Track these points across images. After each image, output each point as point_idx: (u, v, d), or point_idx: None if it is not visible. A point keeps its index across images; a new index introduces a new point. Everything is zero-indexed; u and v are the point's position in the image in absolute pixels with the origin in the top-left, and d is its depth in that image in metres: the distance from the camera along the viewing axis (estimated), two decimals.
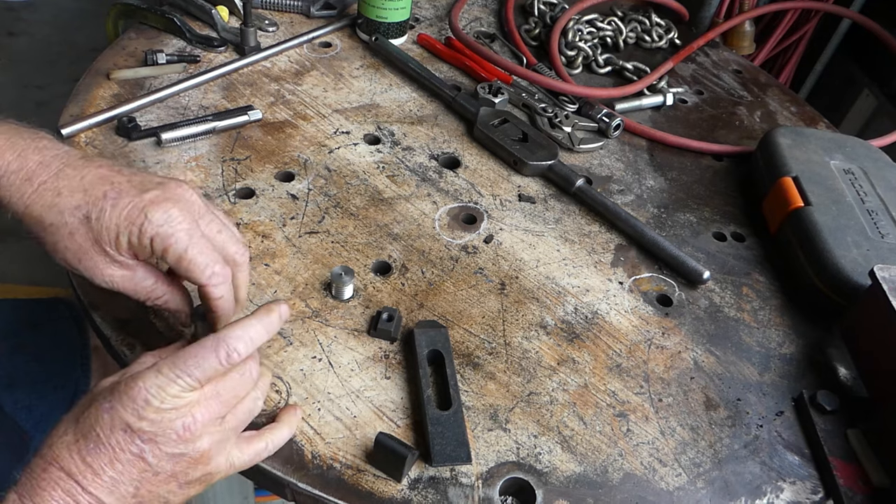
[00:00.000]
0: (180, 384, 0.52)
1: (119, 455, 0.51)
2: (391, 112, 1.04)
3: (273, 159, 0.92)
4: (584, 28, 1.26)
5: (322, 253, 0.81)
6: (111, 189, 0.57)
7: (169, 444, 0.52)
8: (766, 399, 0.75)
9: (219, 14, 1.11)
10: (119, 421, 0.50)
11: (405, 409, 0.67)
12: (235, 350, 0.53)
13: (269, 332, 0.56)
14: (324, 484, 0.61)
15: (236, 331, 0.54)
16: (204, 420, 0.53)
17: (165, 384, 0.51)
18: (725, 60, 1.36)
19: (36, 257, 1.95)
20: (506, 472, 0.64)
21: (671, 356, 0.77)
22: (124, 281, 0.60)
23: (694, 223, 0.96)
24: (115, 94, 0.97)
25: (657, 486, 0.65)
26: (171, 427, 0.51)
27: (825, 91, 1.82)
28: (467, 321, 0.77)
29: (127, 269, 0.59)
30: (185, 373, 0.52)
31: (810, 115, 1.24)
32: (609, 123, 1.06)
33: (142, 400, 0.50)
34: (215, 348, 0.53)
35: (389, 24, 1.13)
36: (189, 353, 0.52)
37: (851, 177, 0.95)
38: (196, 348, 0.53)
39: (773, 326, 0.83)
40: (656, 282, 0.86)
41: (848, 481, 0.67)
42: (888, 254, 0.83)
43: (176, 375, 0.51)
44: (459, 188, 0.93)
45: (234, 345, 0.53)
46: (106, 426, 0.50)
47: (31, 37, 2.76)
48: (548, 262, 0.85)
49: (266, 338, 0.56)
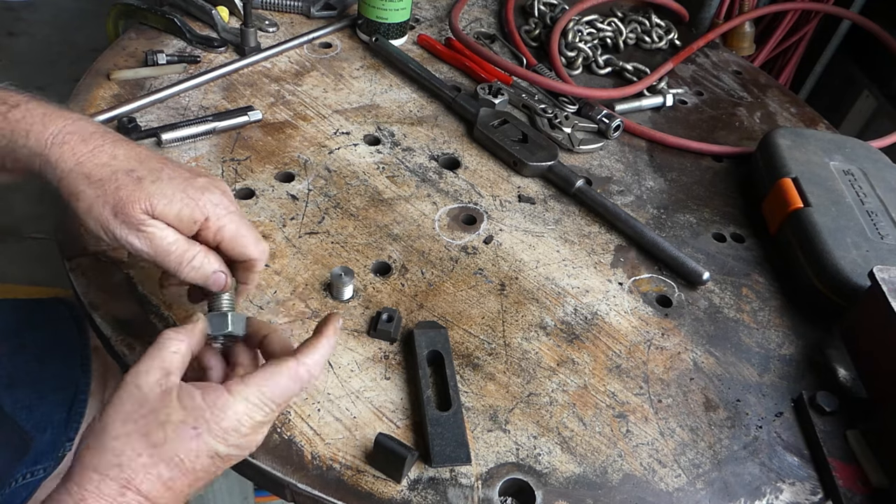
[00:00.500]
0: (266, 410, 0.54)
1: (200, 476, 0.52)
2: (391, 113, 1.04)
3: (273, 160, 0.92)
4: (584, 29, 1.26)
5: (322, 253, 0.81)
6: (166, 166, 0.60)
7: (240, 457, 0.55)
8: (765, 400, 0.75)
9: (219, 14, 1.11)
10: (206, 448, 0.52)
11: (405, 410, 0.67)
12: (313, 375, 0.57)
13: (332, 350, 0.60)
14: (323, 484, 0.61)
15: (315, 356, 0.57)
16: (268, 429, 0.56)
17: (254, 412, 0.53)
18: (725, 61, 1.36)
19: (36, 257, 1.96)
20: (505, 473, 0.64)
21: (671, 357, 0.77)
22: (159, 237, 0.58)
23: (694, 224, 0.96)
24: (116, 94, 0.97)
25: (657, 486, 0.65)
26: (250, 445, 0.55)
27: (825, 92, 1.82)
28: (467, 322, 0.77)
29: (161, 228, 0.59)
30: (272, 401, 0.54)
31: (810, 116, 1.24)
32: (609, 124, 1.06)
33: (232, 430, 0.52)
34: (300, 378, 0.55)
35: (389, 25, 1.13)
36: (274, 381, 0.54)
37: (851, 178, 0.95)
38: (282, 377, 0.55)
39: (773, 327, 0.83)
40: (656, 283, 0.86)
41: (847, 482, 0.67)
42: (888, 255, 0.83)
43: (264, 403, 0.54)
44: (459, 189, 0.93)
45: (313, 371, 0.56)
46: (192, 454, 0.51)
47: (31, 37, 2.76)
48: (547, 263, 0.85)
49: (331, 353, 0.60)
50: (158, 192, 0.58)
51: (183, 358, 0.55)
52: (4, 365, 0.84)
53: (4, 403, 0.81)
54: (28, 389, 0.84)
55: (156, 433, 0.50)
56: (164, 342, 0.55)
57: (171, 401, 0.52)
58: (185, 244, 0.60)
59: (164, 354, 0.54)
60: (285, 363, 0.55)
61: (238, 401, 0.53)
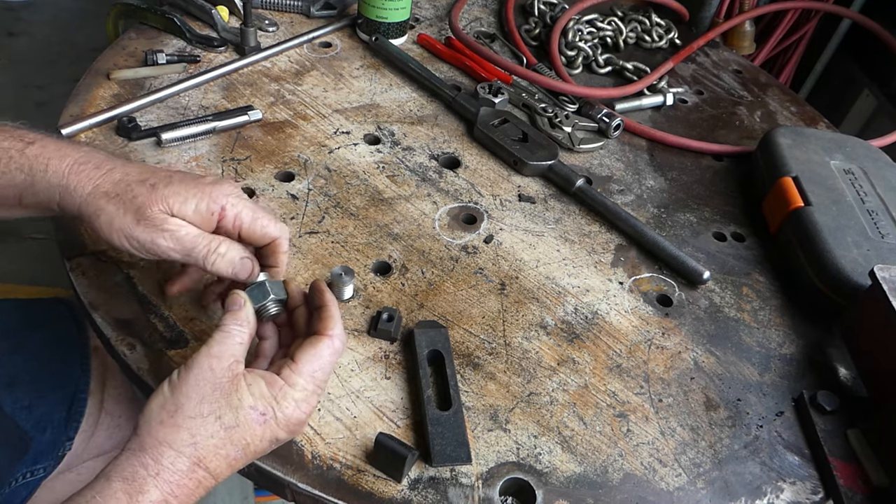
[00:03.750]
0: (319, 393, 0.59)
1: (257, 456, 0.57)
2: (391, 112, 1.04)
3: (273, 159, 0.92)
4: (585, 28, 1.26)
5: (322, 253, 0.81)
6: (176, 173, 0.64)
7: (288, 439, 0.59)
8: (766, 399, 0.75)
9: (219, 14, 1.11)
10: (270, 434, 0.56)
11: (405, 410, 0.67)
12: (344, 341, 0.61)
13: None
14: (324, 484, 0.61)
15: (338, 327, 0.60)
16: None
17: (311, 398, 0.58)
18: (725, 60, 1.36)
19: (36, 257, 1.95)
20: (506, 473, 0.64)
21: (671, 356, 0.77)
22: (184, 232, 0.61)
23: (694, 223, 0.96)
24: (116, 94, 0.97)
25: (657, 486, 0.65)
26: (300, 431, 0.59)
27: (825, 91, 1.82)
28: (467, 321, 0.77)
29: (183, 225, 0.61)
30: (322, 380, 0.59)
31: (810, 114, 1.24)
32: (609, 123, 1.06)
33: (295, 419, 0.57)
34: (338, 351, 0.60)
35: (389, 25, 1.13)
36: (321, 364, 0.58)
37: (851, 177, 0.95)
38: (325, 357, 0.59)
39: (773, 326, 0.83)
40: (656, 282, 0.86)
41: (848, 481, 0.67)
42: (888, 254, 0.83)
43: (317, 386, 0.58)
44: (459, 188, 0.93)
45: (344, 338, 0.61)
46: (257, 438, 0.56)
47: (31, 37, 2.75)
48: (548, 263, 0.85)
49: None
50: (173, 193, 0.61)
51: (246, 346, 0.59)
52: (4, 364, 0.84)
53: (4, 403, 0.81)
54: (28, 389, 0.84)
55: (228, 416, 0.54)
56: (229, 330, 0.58)
57: (242, 386, 0.56)
58: (209, 236, 0.63)
59: (232, 342, 0.57)
60: (321, 342, 0.59)
61: (297, 390, 0.57)
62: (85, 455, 0.89)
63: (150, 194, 0.60)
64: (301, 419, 0.57)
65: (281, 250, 0.66)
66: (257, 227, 0.64)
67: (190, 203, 0.61)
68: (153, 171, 0.63)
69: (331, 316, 0.61)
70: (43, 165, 0.62)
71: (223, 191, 0.63)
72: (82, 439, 0.88)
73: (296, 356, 0.58)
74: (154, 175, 0.62)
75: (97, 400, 0.91)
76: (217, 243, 0.62)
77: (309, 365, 0.58)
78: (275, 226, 0.65)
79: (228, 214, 0.63)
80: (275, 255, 0.67)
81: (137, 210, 0.60)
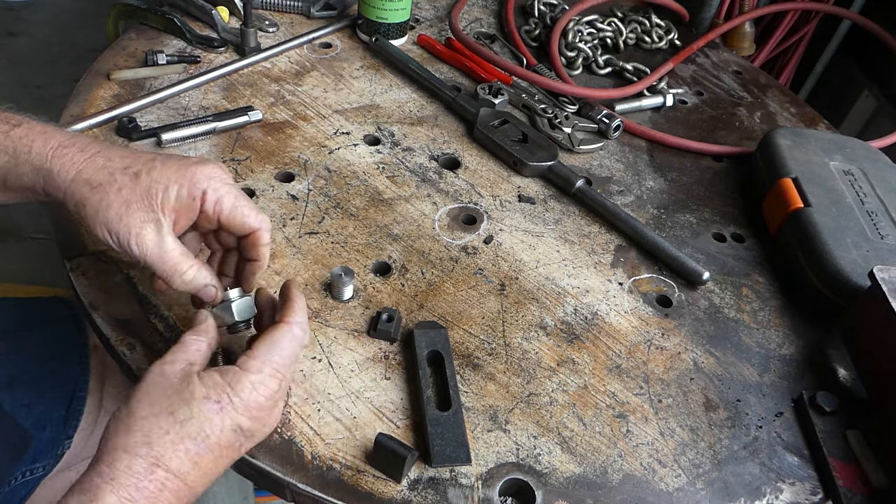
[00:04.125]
0: (278, 377, 0.57)
1: (223, 452, 0.54)
2: (391, 113, 1.04)
3: (273, 160, 0.92)
4: (585, 29, 1.26)
5: (322, 253, 0.81)
6: (158, 156, 0.62)
7: (261, 434, 0.58)
8: (765, 400, 0.75)
9: (219, 14, 1.11)
10: (230, 421, 0.54)
11: (405, 410, 0.67)
12: (306, 329, 0.60)
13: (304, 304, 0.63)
14: (323, 484, 0.61)
15: (299, 314, 0.59)
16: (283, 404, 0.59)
17: (269, 381, 0.56)
18: (725, 61, 1.36)
19: (36, 257, 1.95)
20: (505, 473, 0.64)
21: (671, 357, 0.77)
22: (153, 247, 0.60)
23: (694, 224, 0.96)
24: (116, 94, 0.97)
25: (657, 486, 0.65)
26: (269, 421, 0.58)
27: (825, 92, 1.82)
28: (467, 322, 0.77)
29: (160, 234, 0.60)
30: (282, 366, 0.57)
31: (810, 115, 1.24)
32: (609, 124, 1.06)
33: (253, 402, 0.55)
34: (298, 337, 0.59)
35: (389, 25, 1.13)
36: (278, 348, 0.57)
37: (851, 178, 0.95)
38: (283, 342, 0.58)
39: (773, 327, 0.83)
40: (656, 283, 0.86)
41: (847, 482, 0.67)
42: (888, 255, 0.83)
43: (275, 371, 0.57)
44: (459, 189, 0.93)
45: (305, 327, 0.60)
46: (216, 427, 0.53)
47: (31, 37, 2.76)
48: (547, 263, 0.85)
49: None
50: (154, 181, 0.60)
51: (204, 354, 0.58)
52: (4, 364, 0.84)
53: (4, 402, 0.81)
54: (27, 388, 0.84)
55: (181, 410, 0.53)
56: (186, 341, 0.58)
57: (194, 380, 0.54)
58: (179, 255, 0.62)
59: (187, 349, 0.57)
60: (279, 329, 0.58)
61: (252, 373, 0.55)
62: (84, 454, 0.89)
63: (134, 186, 0.59)
64: (261, 402, 0.55)
65: (261, 242, 0.65)
66: (237, 216, 0.63)
67: (171, 190, 0.60)
68: (136, 157, 0.62)
69: (292, 306, 0.60)
70: (27, 147, 0.61)
71: (205, 173, 0.61)
72: (81, 438, 0.88)
73: (253, 345, 0.58)
74: (137, 160, 0.61)
75: (96, 399, 0.91)
76: (185, 266, 0.61)
77: (265, 350, 0.57)
78: (255, 216, 0.64)
79: (209, 199, 0.61)
80: (255, 248, 0.65)
81: (122, 206, 0.59)
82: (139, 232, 0.59)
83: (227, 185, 0.63)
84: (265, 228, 0.65)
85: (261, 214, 0.64)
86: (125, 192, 0.59)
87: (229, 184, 0.63)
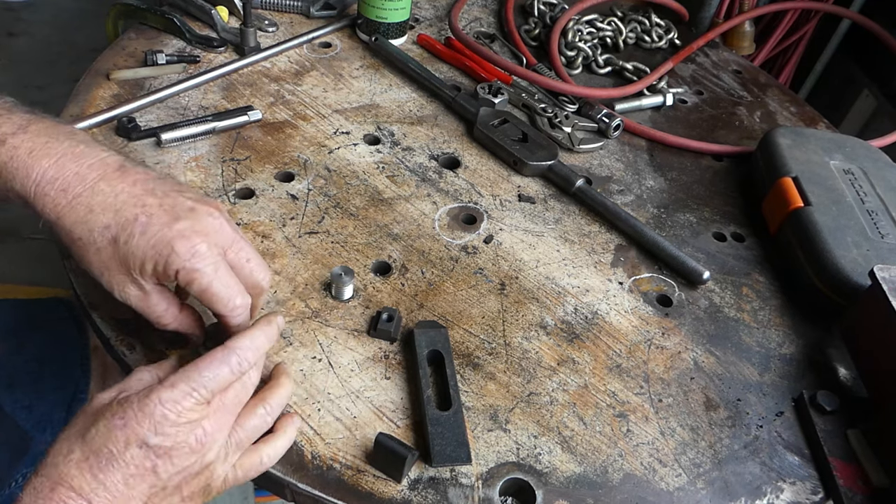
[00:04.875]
0: (195, 397, 0.53)
1: (132, 471, 0.51)
2: (391, 112, 1.04)
3: (273, 159, 0.92)
4: (584, 28, 1.26)
5: (322, 253, 0.81)
6: (142, 213, 0.58)
7: (181, 458, 0.52)
8: (765, 399, 0.75)
9: (218, 14, 1.11)
10: (134, 437, 0.51)
11: (405, 410, 0.67)
12: (246, 360, 0.56)
13: (270, 341, 0.59)
14: (323, 484, 0.61)
15: (244, 341, 0.56)
16: (213, 431, 0.54)
17: (181, 398, 0.52)
18: (725, 61, 1.36)
19: (36, 257, 1.95)
20: (506, 473, 0.64)
21: (671, 356, 0.77)
22: (138, 300, 0.60)
23: (694, 223, 0.96)
24: (115, 94, 0.97)
25: (657, 486, 0.65)
26: (186, 441, 0.52)
27: (825, 91, 1.82)
28: (467, 321, 0.77)
29: (143, 291, 0.60)
30: (200, 385, 0.53)
31: (810, 115, 1.24)
32: (609, 124, 1.06)
33: (159, 415, 0.51)
34: (227, 360, 0.55)
35: (389, 25, 1.13)
36: (202, 365, 0.54)
37: (851, 177, 0.95)
38: (208, 361, 0.54)
39: (773, 327, 0.83)
40: (656, 282, 0.86)
41: (848, 482, 0.67)
42: (888, 254, 0.83)
43: (192, 389, 0.53)
44: (459, 188, 0.93)
45: (244, 355, 0.56)
46: (120, 443, 0.50)
47: (31, 37, 2.75)
48: (548, 263, 0.85)
49: (268, 346, 0.59)
50: (130, 253, 0.57)
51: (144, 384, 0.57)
52: (4, 365, 0.84)
53: (4, 403, 0.81)
54: (28, 389, 0.84)
55: (90, 429, 0.51)
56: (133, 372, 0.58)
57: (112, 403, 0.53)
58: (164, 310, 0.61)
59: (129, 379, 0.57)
60: (213, 350, 0.56)
61: (164, 388, 0.52)
62: None
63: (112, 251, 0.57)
64: (169, 418, 0.51)
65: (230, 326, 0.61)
66: (204, 300, 0.59)
67: (148, 265, 0.57)
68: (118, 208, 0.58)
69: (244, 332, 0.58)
70: (11, 174, 0.58)
71: (182, 253, 0.57)
72: None
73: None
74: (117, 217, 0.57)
75: None
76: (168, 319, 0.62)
77: (192, 368, 0.54)
78: (224, 305, 0.59)
79: (181, 279, 0.58)
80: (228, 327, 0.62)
81: (101, 266, 0.58)
82: (122, 289, 0.59)
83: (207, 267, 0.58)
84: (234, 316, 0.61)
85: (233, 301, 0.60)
86: (103, 255, 0.58)
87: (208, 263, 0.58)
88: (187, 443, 0.52)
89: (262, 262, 0.64)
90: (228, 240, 0.61)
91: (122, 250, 0.57)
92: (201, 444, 0.53)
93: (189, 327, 0.64)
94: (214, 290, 0.59)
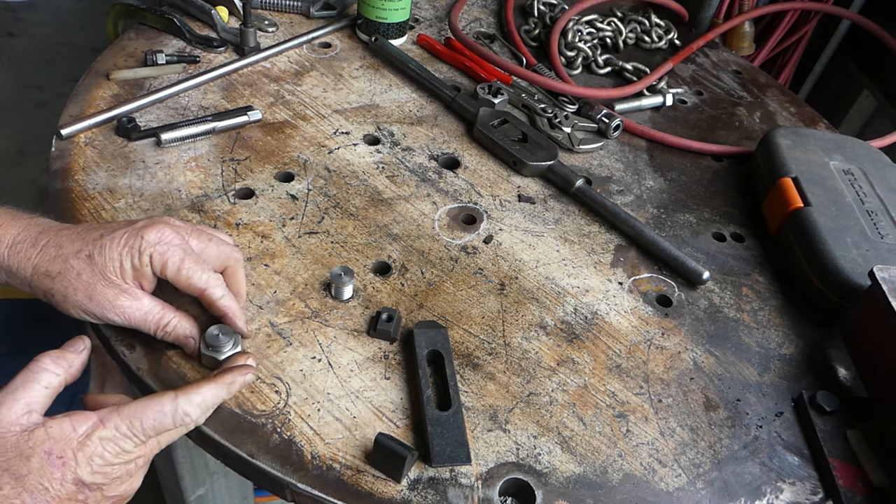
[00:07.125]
0: (135, 441, 0.56)
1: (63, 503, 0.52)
2: (391, 112, 1.04)
3: (273, 160, 0.92)
4: (584, 29, 1.26)
5: (322, 253, 0.81)
6: (105, 230, 0.64)
7: (113, 489, 0.56)
8: (765, 400, 0.75)
9: (218, 14, 1.11)
10: (70, 475, 0.52)
11: (405, 410, 0.67)
12: (189, 415, 0.58)
13: (229, 394, 0.62)
14: (323, 484, 0.61)
15: (196, 397, 0.59)
16: (142, 464, 0.58)
17: (121, 441, 0.55)
18: (725, 61, 1.36)
19: None
20: (505, 473, 0.64)
21: (671, 357, 0.77)
22: (133, 310, 0.63)
23: (693, 224, 0.96)
24: (115, 94, 0.97)
25: (657, 486, 0.65)
26: (119, 475, 0.56)
27: (825, 92, 1.82)
28: (467, 321, 0.77)
29: (134, 298, 0.64)
30: (141, 432, 0.56)
31: (810, 115, 1.24)
32: (609, 124, 1.06)
33: (97, 457, 0.54)
34: (173, 412, 0.57)
35: (389, 25, 1.13)
36: (146, 413, 0.56)
37: (851, 177, 0.95)
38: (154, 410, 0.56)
39: (773, 327, 0.83)
40: (656, 282, 0.86)
41: (847, 482, 0.67)
42: (888, 254, 0.83)
43: (133, 434, 0.56)
44: (459, 188, 0.93)
45: (189, 410, 0.58)
46: (56, 481, 0.52)
47: (31, 37, 2.76)
48: (547, 263, 0.85)
49: (221, 400, 0.62)
50: (108, 259, 0.62)
51: (53, 393, 0.58)
52: (4, 365, 0.84)
53: None
54: None
55: (19, 467, 0.51)
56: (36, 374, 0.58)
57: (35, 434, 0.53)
58: (159, 311, 0.65)
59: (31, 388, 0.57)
60: (161, 396, 0.58)
61: (107, 429, 0.54)
62: None
63: (91, 268, 0.62)
64: (107, 458, 0.54)
65: (213, 300, 0.66)
66: (182, 280, 0.65)
67: (125, 262, 0.63)
68: (85, 238, 0.63)
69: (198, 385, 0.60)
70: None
71: (149, 240, 0.63)
72: None
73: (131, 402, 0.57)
74: (86, 242, 0.63)
75: None
76: (167, 320, 0.65)
77: (133, 410, 0.56)
78: (199, 277, 0.65)
79: (155, 264, 0.63)
80: (211, 306, 0.67)
81: (87, 288, 0.62)
82: (114, 303, 0.63)
83: (175, 247, 0.64)
84: (212, 286, 0.66)
85: (206, 273, 0.66)
86: (85, 275, 0.62)
87: (175, 245, 0.64)
88: (120, 476, 0.56)
89: (224, 239, 0.70)
90: (187, 230, 0.67)
91: (98, 261, 0.62)
92: (129, 475, 0.57)
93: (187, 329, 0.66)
94: (187, 265, 0.64)
